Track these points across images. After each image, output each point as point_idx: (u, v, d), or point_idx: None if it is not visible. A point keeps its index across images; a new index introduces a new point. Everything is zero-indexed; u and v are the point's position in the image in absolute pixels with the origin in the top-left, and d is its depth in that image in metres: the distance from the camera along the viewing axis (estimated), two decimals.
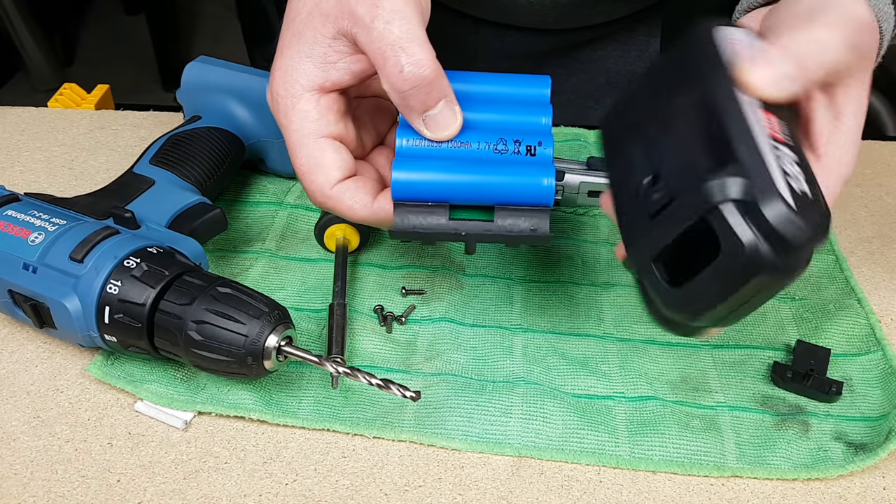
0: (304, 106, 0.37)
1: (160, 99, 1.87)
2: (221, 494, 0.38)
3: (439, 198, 0.37)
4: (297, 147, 0.38)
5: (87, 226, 0.42)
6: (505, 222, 0.37)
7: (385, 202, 0.38)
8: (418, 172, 0.37)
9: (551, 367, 0.45)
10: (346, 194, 0.38)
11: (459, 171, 0.37)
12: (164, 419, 0.41)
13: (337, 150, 0.38)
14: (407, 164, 0.37)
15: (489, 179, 0.37)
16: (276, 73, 0.38)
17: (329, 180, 0.38)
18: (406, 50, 0.35)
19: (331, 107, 0.38)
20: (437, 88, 0.36)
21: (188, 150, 0.51)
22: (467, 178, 0.37)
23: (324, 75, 0.37)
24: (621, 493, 0.39)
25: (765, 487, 0.39)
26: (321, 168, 0.38)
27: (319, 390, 0.43)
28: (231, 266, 0.51)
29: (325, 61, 0.37)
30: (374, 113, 0.43)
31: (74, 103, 0.68)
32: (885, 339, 0.46)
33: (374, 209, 0.38)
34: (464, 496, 0.38)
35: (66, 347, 0.45)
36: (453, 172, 0.37)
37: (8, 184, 0.57)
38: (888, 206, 0.58)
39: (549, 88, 0.40)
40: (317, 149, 0.38)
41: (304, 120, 0.38)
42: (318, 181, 0.38)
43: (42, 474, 0.39)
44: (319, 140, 0.38)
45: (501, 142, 0.38)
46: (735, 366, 0.45)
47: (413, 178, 0.37)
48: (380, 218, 0.38)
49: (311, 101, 0.38)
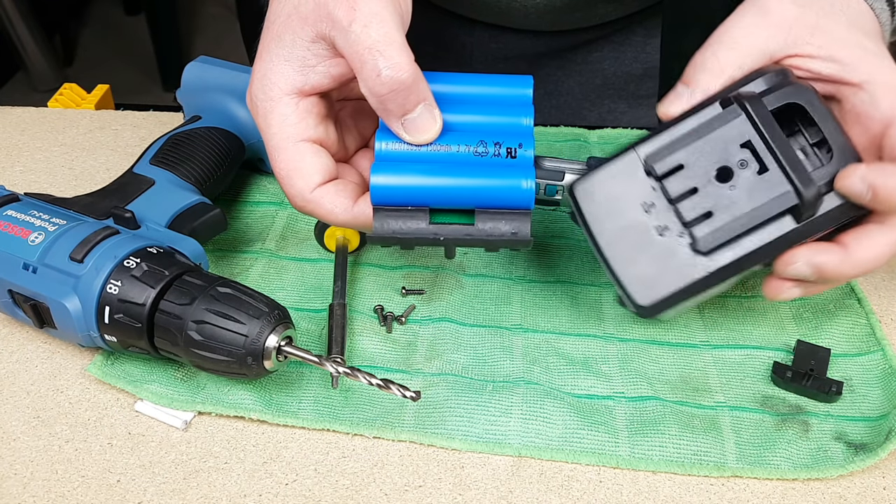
0: (283, 109, 0.37)
1: (160, 99, 1.87)
2: (221, 494, 0.38)
3: (419, 202, 0.37)
4: (275, 151, 0.38)
5: (87, 226, 0.43)
6: (485, 226, 0.37)
7: (366, 206, 0.38)
8: (397, 176, 0.36)
9: (551, 367, 0.45)
10: (325, 198, 0.38)
11: (439, 174, 0.36)
12: (164, 419, 0.41)
13: (316, 154, 0.38)
14: (385, 167, 0.37)
15: (469, 183, 0.36)
16: (255, 77, 0.38)
17: (308, 185, 0.37)
18: (384, 54, 0.34)
19: (310, 110, 0.38)
20: (415, 92, 0.35)
21: (188, 150, 0.51)
22: (447, 182, 0.36)
23: (303, 79, 0.37)
24: (621, 493, 0.39)
25: (765, 487, 0.39)
26: (300, 172, 0.37)
27: (319, 390, 0.43)
28: (231, 266, 0.51)
29: (303, 65, 0.37)
30: (358, 116, 0.43)
31: (74, 103, 0.68)
32: (885, 340, 0.46)
33: (354, 213, 0.38)
34: (464, 496, 0.38)
35: (66, 347, 0.45)
36: (432, 175, 0.36)
37: (8, 184, 0.57)
38: None
39: (531, 88, 0.40)
40: (296, 153, 0.37)
41: (282, 124, 0.37)
42: (298, 185, 0.38)
43: (42, 474, 0.39)
44: (298, 144, 0.37)
45: (482, 144, 0.37)
46: (735, 366, 0.45)
47: (392, 181, 0.36)
48: (360, 222, 0.38)
49: (290, 105, 0.37)
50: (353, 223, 0.38)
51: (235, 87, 0.54)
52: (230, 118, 0.54)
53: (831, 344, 0.46)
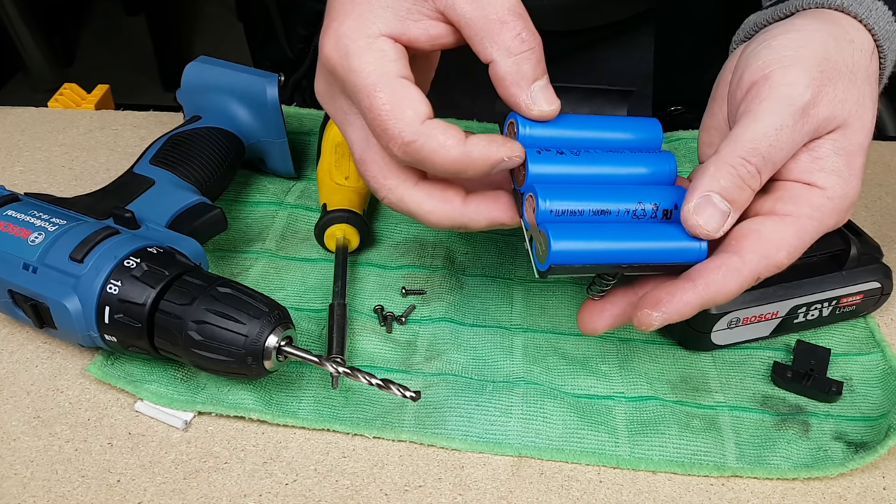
0: (381, 45, 0.36)
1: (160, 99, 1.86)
2: (221, 494, 0.38)
3: (593, 262, 0.36)
4: (375, 87, 0.35)
5: (87, 226, 0.43)
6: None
7: (478, 141, 0.35)
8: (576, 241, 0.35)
9: (551, 367, 0.45)
10: (438, 129, 0.34)
11: (610, 238, 0.36)
12: (164, 419, 0.41)
13: (418, 89, 0.36)
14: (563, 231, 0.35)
15: (644, 246, 0.36)
16: (348, 17, 0.36)
17: (419, 114, 0.35)
18: (523, 17, 0.35)
19: (405, 55, 0.36)
20: (543, 59, 0.36)
21: (188, 150, 0.51)
22: (621, 246, 0.36)
23: (402, 27, 0.36)
24: (621, 493, 0.39)
25: (765, 487, 0.39)
26: (410, 102, 0.35)
27: (319, 390, 0.43)
28: (231, 266, 0.51)
29: (406, 16, 0.36)
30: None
31: (74, 103, 0.68)
32: (884, 340, 0.46)
33: (467, 148, 0.35)
34: (464, 496, 0.38)
35: (66, 347, 0.45)
36: (605, 240, 0.35)
37: (8, 184, 0.57)
38: (888, 206, 0.58)
39: (660, 132, 0.39)
40: (399, 86, 0.35)
41: (382, 59, 0.35)
42: (408, 115, 0.34)
43: (42, 474, 0.39)
44: (400, 79, 0.35)
45: (640, 206, 0.37)
46: (735, 366, 0.45)
47: (572, 247, 0.35)
48: (473, 159, 0.35)
49: (388, 43, 0.36)
50: (464, 160, 0.35)
51: (235, 87, 0.54)
52: (230, 118, 0.54)
53: (831, 344, 0.46)
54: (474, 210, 0.38)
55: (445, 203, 0.38)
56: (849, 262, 0.45)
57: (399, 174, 0.38)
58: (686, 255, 0.36)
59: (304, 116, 0.64)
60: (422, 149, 0.35)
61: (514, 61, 0.35)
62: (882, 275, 0.46)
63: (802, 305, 0.45)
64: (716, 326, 0.44)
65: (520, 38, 0.35)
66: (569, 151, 0.37)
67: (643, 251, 0.36)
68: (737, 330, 0.45)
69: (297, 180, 0.58)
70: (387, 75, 0.35)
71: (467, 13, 0.35)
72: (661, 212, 0.37)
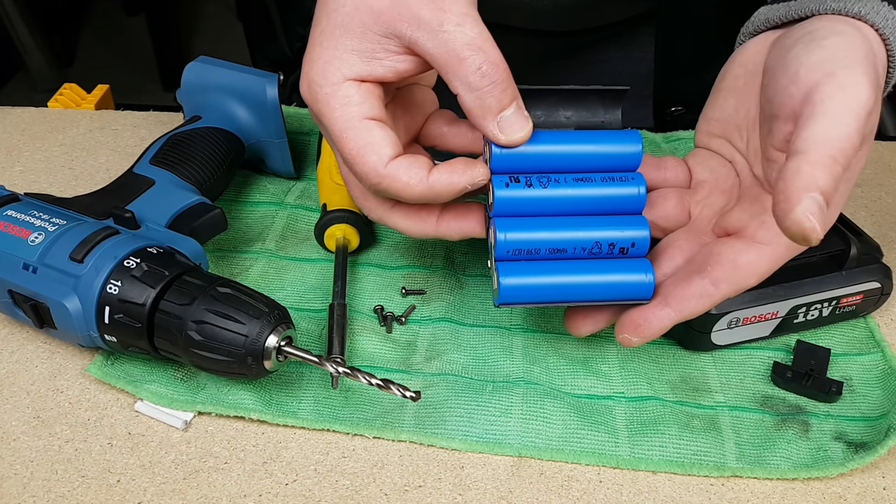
0: (346, 91, 0.37)
1: (160, 99, 1.86)
2: (221, 494, 0.38)
3: (543, 299, 0.38)
4: (342, 132, 0.37)
5: (87, 226, 0.43)
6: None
7: (440, 174, 0.37)
8: (526, 278, 0.38)
9: (551, 367, 0.45)
10: (400, 171, 0.37)
11: (562, 276, 0.38)
12: (164, 419, 0.41)
13: (384, 129, 0.38)
14: (510, 269, 0.38)
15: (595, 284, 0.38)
16: (315, 63, 0.37)
17: (382, 158, 0.37)
18: (482, 49, 0.35)
19: (372, 92, 0.38)
20: (510, 87, 0.36)
21: (188, 150, 0.51)
22: (572, 284, 0.38)
23: (368, 69, 0.37)
24: (621, 493, 0.39)
25: (765, 487, 0.39)
26: (372, 147, 0.37)
27: (319, 390, 0.43)
28: (231, 266, 0.51)
29: (371, 56, 0.37)
30: (406, 109, 0.43)
31: (74, 103, 0.68)
32: (884, 340, 0.46)
33: (430, 183, 0.37)
34: (464, 496, 0.38)
35: (66, 347, 0.45)
36: (556, 279, 0.38)
37: (8, 184, 0.57)
38: (888, 206, 0.58)
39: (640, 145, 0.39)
40: (364, 130, 0.37)
41: (347, 104, 0.37)
42: (371, 161, 0.37)
43: (42, 474, 0.39)
44: (365, 121, 0.37)
45: (597, 245, 0.38)
46: (735, 366, 0.45)
47: (522, 283, 0.38)
48: (437, 191, 0.37)
49: (352, 87, 0.37)
50: (429, 193, 0.38)
51: (235, 87, 0.54)
52: (230, 118, 0.54)
53: (831, 344, 0.46)
54: (447, 226, 0.41)
55: (421, 222, 0.41)
56: (849, 262, 0.45)
57: (375, 199, 0.41)
58: (635, 294, 0.38)
59: (304, 116, 0.64)
60: (388, 189, 0.37)
61: (477, 96, 0.36)
62: (882, 275, 0.46)
63: (802, 305, 0.45)
64: (716, 326, 0.44)
65: (480, 73, 0.35)
66: (537, 181, 0.38)
67: (594, 289, 0.38)
68: (737, 330, 0.45)
69: (297, 180, 0.58)
70: (351, 120, 0.37)
71: (430, 49, 0.36)
72: (618, 250, 0.38)
